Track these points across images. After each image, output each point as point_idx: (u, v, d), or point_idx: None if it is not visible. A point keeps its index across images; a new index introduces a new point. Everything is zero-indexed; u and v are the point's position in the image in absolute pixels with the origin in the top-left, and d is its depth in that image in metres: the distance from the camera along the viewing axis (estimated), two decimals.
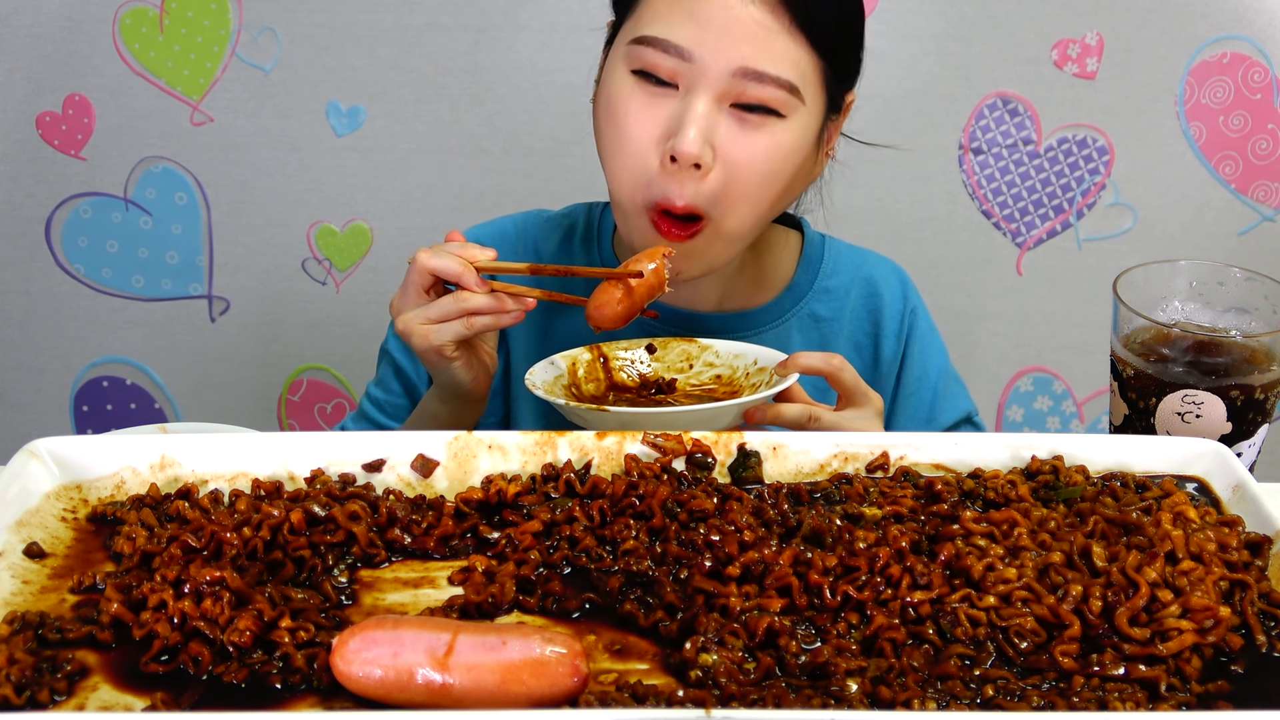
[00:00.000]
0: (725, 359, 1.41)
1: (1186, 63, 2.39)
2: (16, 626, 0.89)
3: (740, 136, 1.32)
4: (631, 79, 1.34)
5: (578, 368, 1.39)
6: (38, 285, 2.55)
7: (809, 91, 1.34)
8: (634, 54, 1.33)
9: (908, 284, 1.65)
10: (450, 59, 2.42)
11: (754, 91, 1.30)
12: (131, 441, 1.10)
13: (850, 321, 1.60)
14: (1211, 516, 1.01)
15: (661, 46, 1.30)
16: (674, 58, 1.30)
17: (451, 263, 1.26)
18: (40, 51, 2.40)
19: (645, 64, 1.32)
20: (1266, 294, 1.27)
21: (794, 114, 1.34)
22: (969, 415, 1.63)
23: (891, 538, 0.97)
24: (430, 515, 1.05)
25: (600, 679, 0.87)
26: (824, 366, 1.30)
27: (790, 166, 1.37)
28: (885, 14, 2.38)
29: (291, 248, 2.53)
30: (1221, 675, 0.87)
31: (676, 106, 1.32)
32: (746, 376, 1.39)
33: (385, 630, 0.84)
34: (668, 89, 1.33)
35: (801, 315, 1.58)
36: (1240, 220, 2.49)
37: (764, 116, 1.32)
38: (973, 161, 2.48)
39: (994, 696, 0.84)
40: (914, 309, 1.63)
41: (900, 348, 1.61)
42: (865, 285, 1.61)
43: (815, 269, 1.60)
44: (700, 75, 1.30)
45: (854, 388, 1.30)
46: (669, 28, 1.30)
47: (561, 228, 1.62)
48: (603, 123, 1.39)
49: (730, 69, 1.29)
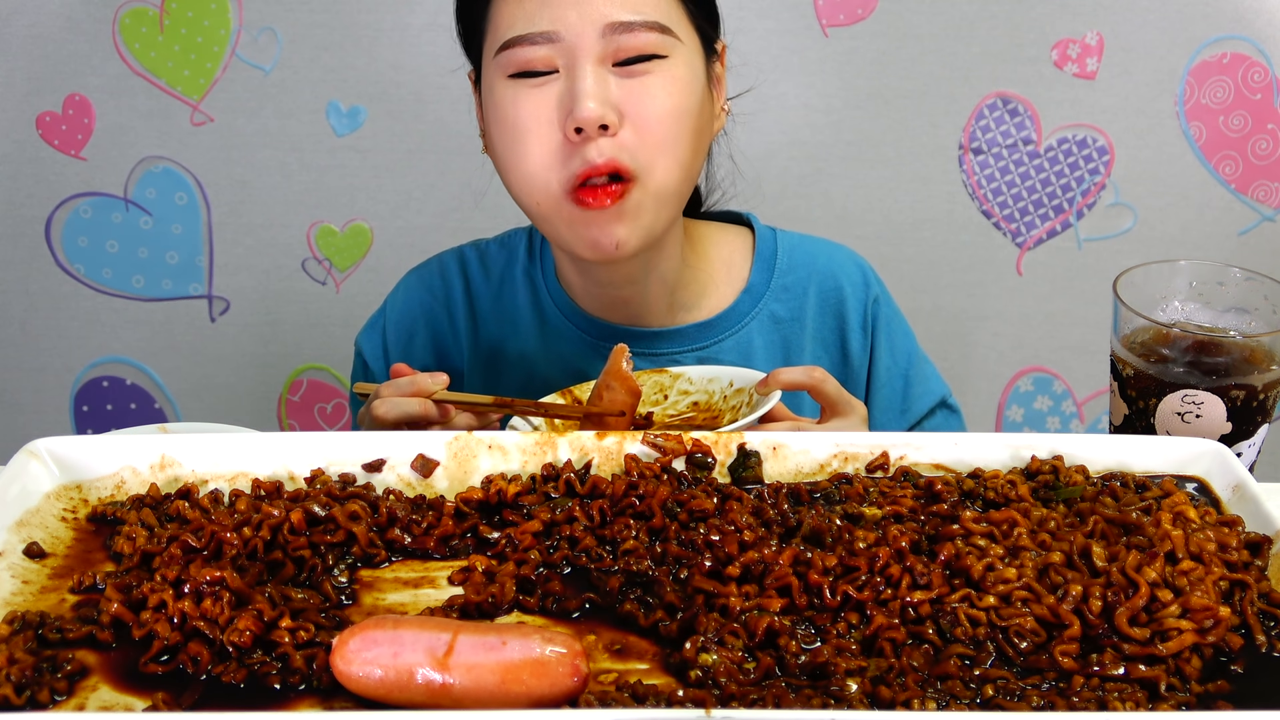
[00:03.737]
0: (699, 384, 1.38)
1: (1186, 63, 2.39)
2: (16, 626, 0.89)
3: (635, 87, 1.32)
4: (511, 84, 1.33)
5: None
6: (38, 285, 2.55)
7: (680, 28, 1.34)
8: (504, 60, 1.33)
9: (868, 272, 1.61)
10: (450, 59, 2.40)
11: (629, 42, 1.30)
12: (131, 441, 1.11)
13: (813, 319, 1.57)
14: (1211, 516, 1.01)
15: (528, 40, 1.31)
16: (543, 45, 1.30)
17: (411, 407, 1.25)
18: (40, 51, 2.39)
19: (519, 63, 1.32)
20: (1266, 294, 1.27)
21: (674, 52, 1.34)
22: (943, 399, 1.59)
23: (891, 538, 0.97)
24: (430, 515, 1.05)
25: (600, 679, 0.87)
26: (806, 380, 1.28)
27: (692, 102, 1.35)
28: (885, 14, 2.38)
29: (291, 248, 2.53)
30: (1221, 675, 0.87)
31: (562, 86, 1.31)
32: (724, 400, 1.35)
33: (385, 630, 0.84)
34: (549, 76, 1.32)
35: (761, 317, 1.54)
36: (1240, 220, 2.49)
37: (648, 63, 1.32)
38: (973, 161, 2.48)
39: (994, 696, 0.84)
40: (876, 298, 1.59)
41: (868, 340, 1.58)
42: (824, 279, 1.58)
43: (770, 266, 1.56)
44: (573, 48, 1.30)
45: (838, 399, 1.29)
46: (527, 21, 1.31)
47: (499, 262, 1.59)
48: (498, 138, 1.37)
49: (598, 30, 1.29)
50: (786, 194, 2.44)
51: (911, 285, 2.46)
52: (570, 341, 1.52)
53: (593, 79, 1.29)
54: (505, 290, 1.57)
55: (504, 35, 1.32)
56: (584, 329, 1.52)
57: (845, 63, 2.41)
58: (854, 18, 2.38)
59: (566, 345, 1.52)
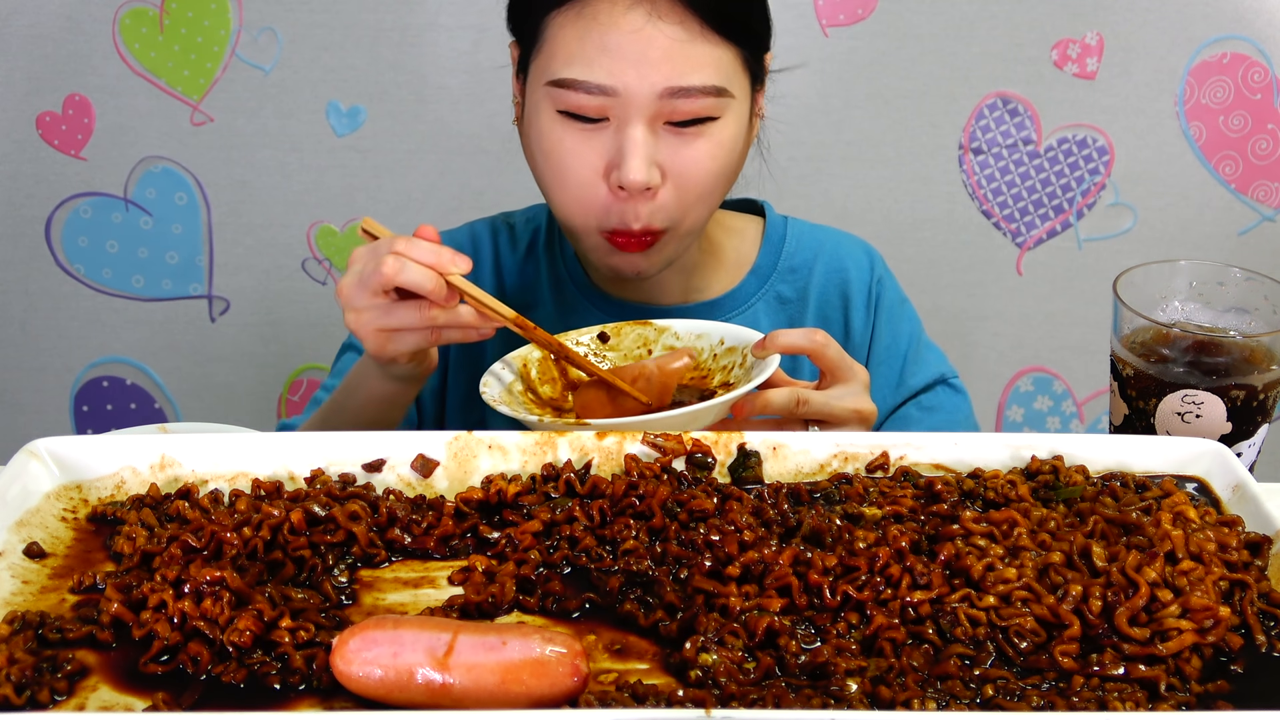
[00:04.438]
0: (686, 339, 1.34)
1: (1186, 63, 2.39)
2: (16, 626, 0.89)
3: (682, 149, 1.32)
4: (560, 119, 1.33)
5: (530, 368, 1.30)
6: (38, 285, 2.55)
7: (735, 83, 1.34)
8: (556, 96, 1.32)
9: (874, 256, 1.63)
10: (450, 59, 2.42)
11: (684, 106, 1.30)
12: (131, 441, 1.10)
13: (817, 299, 1.58)
14: (1211, 516, 1.01)
15: (583, 88, 1.29)
16: (598, 95, 1.29)
17: (422, 278, 1.17)
18: (40, 51, 2.39)
19: (570, 105, 1.31)
20: (1266, 294, 1.27)
21: (727, 111, 1.33)
22: (943, 376, 1.58)
23: (891, 538, 0.97)
24: (430, 515, 1.05)
25: (600, 679, 0.87)
26: (806, 344, 1.24)
27: (735, 157, 1.38)
28: (885, 14, 2.38)
29: (291, 248, 2.53)
30: (1221, 675, 0.87)
31: (611, 139, 1.31)
32: (715, 359, 1.32)
33: (385, 630, 0.84)
34: (598, 123, 1.31)
35: (768, 297, 1.57)
36: (1240, 220, 2.49)
37: (699, 125, 1.32)
38: (973, 161, 2.48)
39: (994, 696, 0.84)
40: (880, 279, 1.60)
41: (870, 319, 1.59)
42: (830, 261, 1.59)
43: (778, 250, 1.59)
44: (627, 105, 1.29)
45: (839, 362, 1.25)
46: (585, 67, 1.29)
47: (525, 236, 1.61)
48: (539, 160, 1.37)
49: (655, 93, 1.28)
50: (786, 194, 2.42)
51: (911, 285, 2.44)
52: (585, 317, 1.54)
53: (643, 140, 1.29)
54: (528, 264, 1.59)
55: (559, 71, 1.31)
56: (599, 305, 1.55)
57: (845, 63, 2.41)
58: (854, 18, 2.38)
59: (581, 320, 1.54)
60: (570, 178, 1.34)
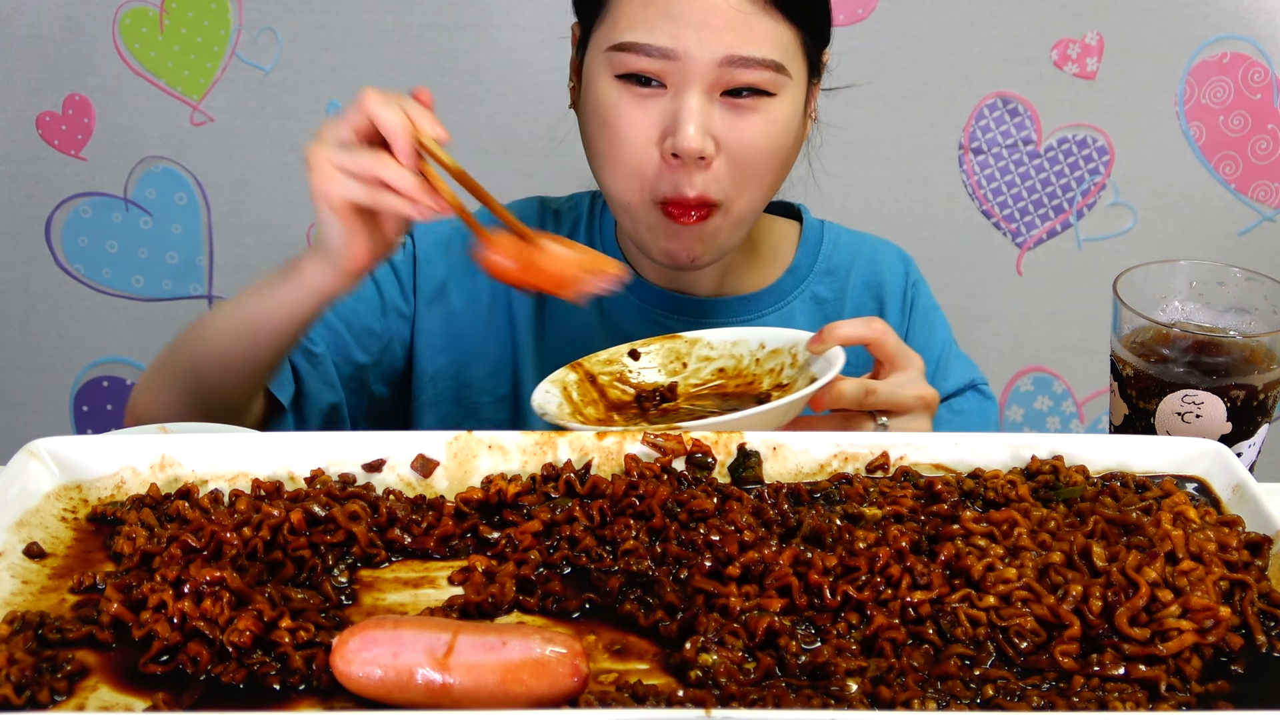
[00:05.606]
0: (722, 349, 1.34)
1: (1186, 63, 2.39)
2: (16, 626, 0.89)
3: (737, 122, 1.33)
4: (617, 84, 1.34)
5: (570, 391, 1.29)
6: (38, 285, 2.55)
7: (793, 64, 1.35)
8: (616, 60, 1.33)
9: (909, 262, 1.65)
10: (450, 59, 2.41)
11: (742, 77, 1.31)
12: (131, 441, 1.10)
13: (852, 300, 1.60)
14: (1211, 516, 1.01)
15: (644, 51, 1.30)
16: (658, 59, 1.30)
17: (395, 120, 1.16)
18: (40, 51, 2.39)
19: (629, 69, 1.32)
20: (1266, 294, 1.27)
21: (783, 90, 1.35)
22: (973, 382, 1.60)
23: (891, 538, 0.97)
24: (430, 515, 1.05)
25: (600, 679, 0.87)
26: (867, 333, 1.23)
27: (787, 142, 1.39)
28: (885, 14, 2.37)
29: (291, 248, 2.53)
30: (1221, 675, 0.87)
31: (668, 105, 1.32)
32: (757, 364, 1.32)
33: (385, 630, 0.84)
34: (656, 88, 1.32)
35: (804, 296, 1.58)
36: (1240, 220, 2.49)
37: (756, 98, 1.33)
38: (973, 161, 2.48)
39: (994, 696, 0.84)
40: (915, 283, 1.63)
41: (905, 323, 1.60)
42: (866, 264, 1.61)
43: (815, 251, 1.61)
44: (687, 71, 1.30)
45: (899, 350, 1.25)
46: (648, 31, 1.30)
47: (567, 220, 1.62)
48: (594, 131, 1.38)
49: (715, 60, 1.29)
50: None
51: None
52: (620, 304, 1.55)
53: (699, 107, 1.30)
54: None
55: (621, 35, 1.32)
56: (636, 293, 1.55)
57: (845, 63, 2.40)
58: (854, 18, 2.38)
59: (616, 307, 1.55)
60: (625, 146, 1.34)
